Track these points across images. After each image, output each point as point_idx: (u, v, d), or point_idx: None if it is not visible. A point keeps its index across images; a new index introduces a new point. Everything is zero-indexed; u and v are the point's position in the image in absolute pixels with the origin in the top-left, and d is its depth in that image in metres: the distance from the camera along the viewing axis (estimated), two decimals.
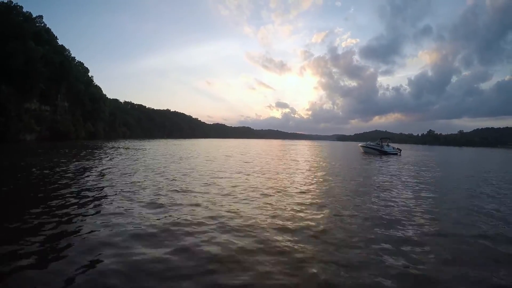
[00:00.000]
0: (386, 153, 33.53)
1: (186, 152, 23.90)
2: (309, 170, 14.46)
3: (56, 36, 61.06)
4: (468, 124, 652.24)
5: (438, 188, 9.93)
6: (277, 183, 9.88)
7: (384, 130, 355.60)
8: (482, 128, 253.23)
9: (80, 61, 70.25)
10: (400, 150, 35.15)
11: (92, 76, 71.94)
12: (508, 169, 19.56)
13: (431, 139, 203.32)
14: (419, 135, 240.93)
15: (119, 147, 29.46)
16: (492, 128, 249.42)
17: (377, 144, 35.18)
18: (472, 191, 9.65)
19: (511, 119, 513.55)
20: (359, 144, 42.14)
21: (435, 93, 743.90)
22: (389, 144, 36.96)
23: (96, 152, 20.91)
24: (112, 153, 20.55)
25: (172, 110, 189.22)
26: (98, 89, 72.09)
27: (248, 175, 11.69)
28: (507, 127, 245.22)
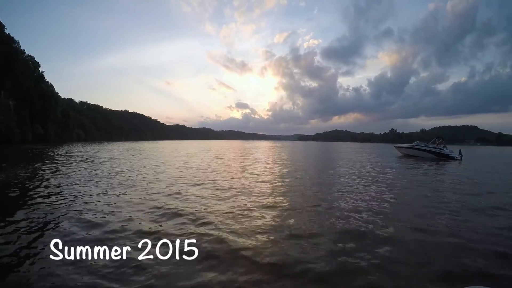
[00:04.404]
0: (447, 157, 26.23)
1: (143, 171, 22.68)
2: None
3: (4, 25, 55.27)
4: (425, 123, 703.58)
5: None
6: None
7: (344, 130, 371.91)
8: (440, 127, 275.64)
9: (30, 55, 64.77)
10: (462, 155, 27.36)
11: (43, 72, 66.66)
12: None
13: (393, 137, 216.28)
14: (381, 133, 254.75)
15: (62, 155, 26.95)
16: (449, 127, 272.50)
17: (432, 145, 28.52)
18: None
19: (466, 118, 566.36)
20: (396, 146, 35.55)
21: (394, 93, 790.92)
22: (446, 145, 29.20)
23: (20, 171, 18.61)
24: (37, 174, 18.27)
25: (130, 111, 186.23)
26: (49, 86, 66.88)
27: None
28: (463, 125, 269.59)
